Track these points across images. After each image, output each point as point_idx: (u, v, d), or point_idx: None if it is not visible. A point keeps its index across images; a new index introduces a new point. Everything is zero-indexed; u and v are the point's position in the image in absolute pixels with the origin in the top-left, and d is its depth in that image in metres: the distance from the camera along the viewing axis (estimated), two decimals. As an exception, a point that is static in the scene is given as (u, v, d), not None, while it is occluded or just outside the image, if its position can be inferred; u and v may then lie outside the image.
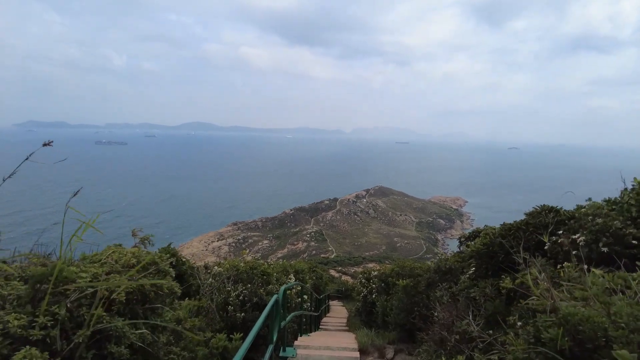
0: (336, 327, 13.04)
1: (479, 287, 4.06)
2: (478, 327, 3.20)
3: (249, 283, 6.49)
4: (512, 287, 3.31)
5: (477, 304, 3.86)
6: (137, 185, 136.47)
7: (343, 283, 33.03)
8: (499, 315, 3.30)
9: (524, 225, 4.31)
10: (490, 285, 4.02)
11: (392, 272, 8.31)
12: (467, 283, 4.19)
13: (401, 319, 5.45)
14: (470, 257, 5.65)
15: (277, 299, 4.28)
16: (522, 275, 3.37)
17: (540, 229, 4.17)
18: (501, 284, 3.50)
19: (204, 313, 5.76)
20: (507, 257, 4.25)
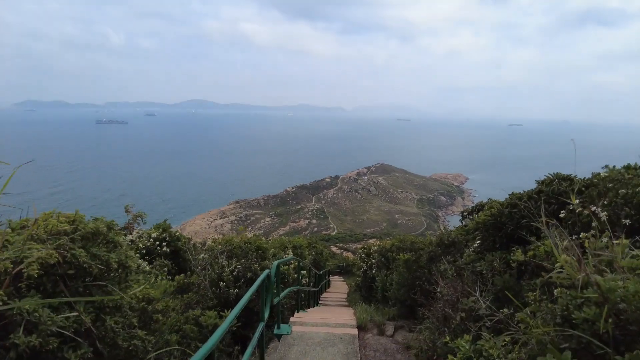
0: (336, 302, 12.97)
1: (485, 261, 3.75)
2: (486, 303, 2.89)
3: (243, 258, 6.24)
4: (524, 260, 3.00)
5: (484, 279, 3.56)
6: (140, 165, 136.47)
7: (344, 259, 33.16)
8: (510, 291, 3.00)
9: (536, 193, 3.96)
10: (498, 259, 3.71)
11: (393, 246, 8.04)
12: (472, 257, 3.88)
13: (401, 294, 5.20)
14: (475, 229, 5.33)
15: (268, 274, 3.99)
16: (535, 246, 3.04)
17: (554, 198, 3.82)
18: (511, 257, 3.19)
19: (194, 289, 5.53)
20: (516, 228, 3.93)
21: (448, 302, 3.24)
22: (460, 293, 3.21)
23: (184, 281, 5.49)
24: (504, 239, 4.04)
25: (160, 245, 10.28)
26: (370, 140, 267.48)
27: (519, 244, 4.01)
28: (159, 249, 10.08)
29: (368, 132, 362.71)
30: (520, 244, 4.01)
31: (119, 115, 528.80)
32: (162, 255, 9.70)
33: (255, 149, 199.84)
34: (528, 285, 2.93)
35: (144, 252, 9.72)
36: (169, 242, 10.36)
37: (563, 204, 3.74)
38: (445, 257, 4.58)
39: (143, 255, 9.86)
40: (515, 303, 2.94)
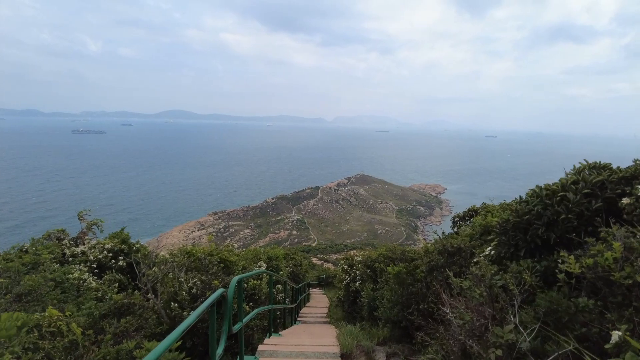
0: (316, 318, 11.89)
1: (509, 272, 2.85)
2: (531, 336, 1.97)
3: (205, 272, 5.17)
4: (580, 272, 2.10)
5: (510, 296, 2.64)
6: (117, 175, 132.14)
7: (325, 270, 32.07)
8: (560, 316, 2.09)
9: (573, 183, 3.10)
10: (528, 269, 2.81)
11: (380, 256, 7.09)
12: (490, 268, 2.96)
13: (395, 314, 4.26)
14: (483, 232, 4.45)
15: (223, 294, 2.97)
16: (595, 252, 2.15)
17: (595, 191, 2.98)
18: (559, 266, 2.29)
19: (138, 312, 4.41)
20: (549, 229, 3.05)
21: (470, 332, 2.31)
22: (490, 318, 2.28)
23: (123, 302, 4.36)
24: (530, 244, 3.16)
25: (115, 257, 9.03)
26: (350, 151, 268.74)
27: (550, 249, 3.15)
28: (113, 262, 8.84)
29: (348, 143, 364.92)
30: (551, 249, 3.15)
31: (95, 125, 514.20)
32: (116, 269, 8.46)
33: (235, 159, 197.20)
34: (587, 307, 2.04)
35: (94, 266, 8.47)
36: (127, 254, 9.10)
37: (609, 199, 2.91)
38: (450, 268, 3.67)
39: (93, 269, 8.60)
40: (574, 333, 2.04)
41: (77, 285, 6.27)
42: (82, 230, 10.34)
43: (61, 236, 10.15)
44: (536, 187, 3.63)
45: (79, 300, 5.79)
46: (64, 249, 9.00)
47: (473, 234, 4.55)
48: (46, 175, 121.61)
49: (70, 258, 8.59)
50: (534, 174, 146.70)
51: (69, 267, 7.05)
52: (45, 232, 10.18)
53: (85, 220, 10.39)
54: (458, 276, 3.78)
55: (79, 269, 7.40)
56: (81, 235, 10.20)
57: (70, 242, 9.59)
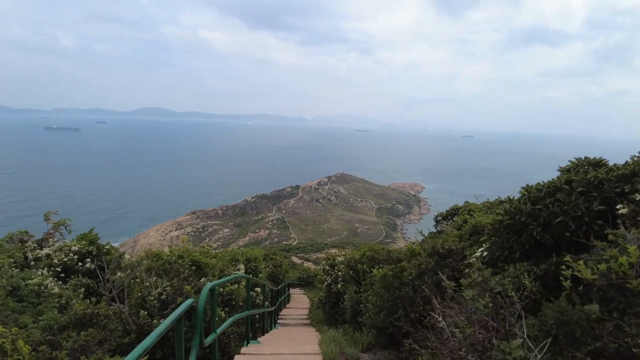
0: (297, 320, 11.59)
1: (505, 277, 2.65)
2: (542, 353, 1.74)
3: (175, 277, 4.79)
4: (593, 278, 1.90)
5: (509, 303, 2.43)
6: (94, 175, 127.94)
7: (305, 270, 31.79)
8: (572, 327, 1.88)
9: (566, 183, 2.93)
10: (526, 273, 2.61)
11: (364, 257, 6.84)
12: (484, 271, 2.74)
13: (381, 320, 4.02)
14: (473, 232, 4.26)
15: (192, 305, 2.64)
16: (609, 256, 1.95)
17: (592, 190, 2.81)
18: (564, 272, 2.09)
19: (103, 322, 3.99)
20: (545, 230, 2.87)
21: (471, 346, 2.07)
22: (494, 332, 2.04)
23: (85, 312, 3.95)
24: (524, 246, 2.97)
25: (83, 260, 8.46)
26: (330, 150, 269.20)
27: (546, 251, 2.96)
28: (80, 266, 8.27)
29: (328, 142, 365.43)
30: (546, 251, 2.96)
31: (69, 122, 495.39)
32: (83, 272, 7.92)
33: (214, 158, 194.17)
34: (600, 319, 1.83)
35: (58, 269, 7.90)
36: (95, 257, 8.54)
37: (608, 198, 2.73)
38: (441, 271, 3.45)
39: (58, 274, 8.01)
40: (588, 348, 1.83)
41: (37, 292, 5.77)
42: (47, 232, 9.67)
43: (24, 238, 9.47)
44: (526, 187, 3.46)
45: (38, 309, 5.31)
46: (26, 252, 8.39)
47: (462, 234, 4.36)
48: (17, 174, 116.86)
49: (32, 262, 8.00)
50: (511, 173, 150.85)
51: (29, 272, 6.51)
52: (7, 233, 9.51)
53: (51, 220, 9.72)
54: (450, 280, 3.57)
55: (41, 273, 6.86)
56: (46, 237, 9.53)
57: (34, 245, 8.96)
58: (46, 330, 3.69)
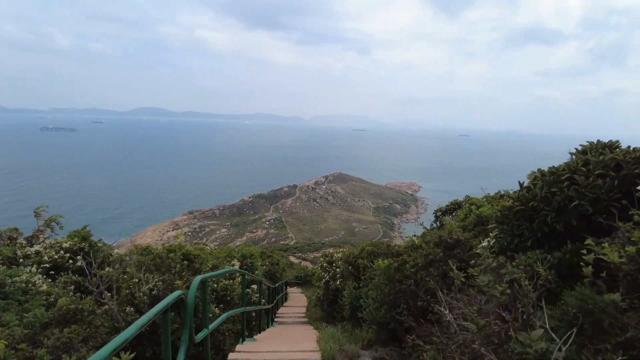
0: (294, 319, 11.39)
1: (519, 265, 2.46)
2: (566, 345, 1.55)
3: (167, 272, 4.58)
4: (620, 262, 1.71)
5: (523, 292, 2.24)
6: (92, 175, 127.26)
7: (303, 269, 31.60)
8: (598, 317, 1.69)
9: (583, 165, 2.74)
10: (539, 261, 2.42)
11: (363, 252, 6.64)
12: (492, 260, 2.55)
13: (382, 315, 3.82)
14: (478, 223, 4.08)
15: (180, 297, 2.43)
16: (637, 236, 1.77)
17: (610, 172, 2.62)
18: (585, 257, 1.90)
19: (88, 319, 3.78)
20: (559, 215, 2.68)
21: (486, 339, 1.88)
22: (511, 323, 1.85)
23: (69, 308, 3.73)
24: (536, 233, 2.78)
25: (73, 257, 8.21)
26: (328, 150, 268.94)
27: (559, 239, 2.77)
28: (71, 263, 8.03)
29: (326, 142, 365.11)
30: (560, 239, 2.77)
31: (65, 122, 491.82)
32: (74, 269, 7.67)
33: (211, 158, 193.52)
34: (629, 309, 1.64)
35: (47, 266, 7.65)
36: (87, 254, 8.30)
37: (626, 179, 2.55)
38: (447, 262, 3.26)
39: (48, 271, 7.77)
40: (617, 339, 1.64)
41: (23, 290, 5.54)
42: (38, 229, 9.42)
43: (14, 235, 9.21)
44: (538, 171, 3.27)
45: (24, 307, 5.09)
46: (15, 250, 8.14)
47: (465, 225, 4.18)
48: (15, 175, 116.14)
49: (21, 259, 7.76)
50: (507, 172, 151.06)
51: (16, 269, 6.27)
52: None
53: (42, 217, 9.46)
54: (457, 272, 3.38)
55: (30, 270, 6.62)
56: (37, 234, 9.28)
57: (24, 242, 8.71)
58: (28, 327, 3.48)
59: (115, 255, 4.82)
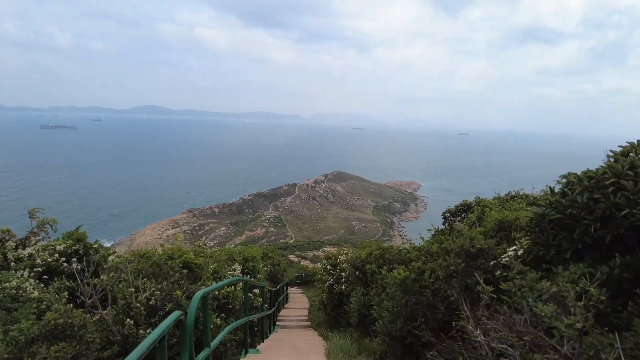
0: (296, 322, 11.12)
1: (559, 281, 2.17)
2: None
3: (165, 280, 4.28)
4: None
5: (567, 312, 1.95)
6: (92, 174, 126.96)
7: (303, 268, 31.35)
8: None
9: (630, 169, 2.45)
10: (584, 276, 2.13)
11: (371, 256, 6.33)
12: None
13: (398, 328, 3.54)
14: (500, 229, 3.79)
15: (179, 318, 2.14)
16: None
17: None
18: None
19: (79, 333, 3.46)
20: (604, 225, 2.40)
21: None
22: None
23: (57, 322, 3.42)
24: (577, 244, 2.50)
25: (68, 260, 7.91)
26: (327, 148, 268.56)
27: (603, 251, 2.49)
28: (65, 267, 7.74)
29: (325, 140, 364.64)
30: (604, 251, 2.49)
31: (65, 120, 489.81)
32: (68, 274, 7.37)
33: (210, 156, 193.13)
34: None
35: (40, 270, 7.35)
36: (82, 257, 7.99)
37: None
38: (472, 274, 2.97)
39: (41, 275, 7.48)
40: None
41: (13, 297, 5.24)
42: (31, 230, 9.09)
43: (5, 237, 8.89)
44: (571, 175, 2.98)
45: (14, 316, 4.79)
46: (6, 252, 7.82)
47: (485, 231, 3.89)
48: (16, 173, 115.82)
49: (13, 263, 7.45)
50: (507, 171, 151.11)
51: (6, 274, 5.97)
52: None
53: (36, 218, 9.13)
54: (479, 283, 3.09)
55: (21, 275, 6.32)
56: (30, 236, 8.95)
57: (15, 244, 8.39)
58: (12, 344, 3.19)
59: (110, 262, 4.51)
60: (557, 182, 3.17)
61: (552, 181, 5.96)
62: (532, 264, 2.73)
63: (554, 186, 3.05)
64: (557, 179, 3.10)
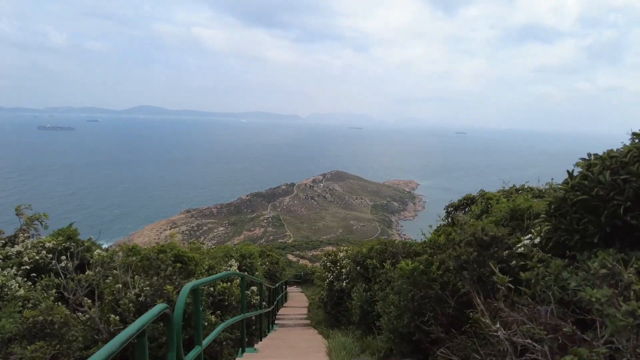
0: (295, 320, 10.89)
1: (587, 269, 1.94)
2: None
3: (155, 275, 4.03)
4: None
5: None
6: (91, 175, 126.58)
7: (302, 267, 31.12)
8: None
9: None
10: (618, 263, 1.91)
11: (373, 251, 6.08)
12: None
13: (405, 324, 3.30)
14: (512, 217, 3.55)
15: (163, 311, 1.89)
16: None
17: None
18: None
19: (61, 331, 3.22)
20: (636, 206, 2.18)
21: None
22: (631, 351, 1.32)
23: (36, 320, 3.17)
24: (604, 228, 2.27)
25: (58, 258, 7.66)
26: (325, 148, 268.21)
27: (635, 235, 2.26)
28: (54, 264, 7.48)
29: (323, 140, 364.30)
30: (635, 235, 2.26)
31: (61, 121, 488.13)
32: (56, 272, 7.11)
33: (208, 156, 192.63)
34: None
35: (28, 267, 7.10)
36: (73, 254, 7.74)
37: None
38: (485, 264, 2.74)
39: (29, 273, 7.23)
40: None
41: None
42: (20, 228, 8.82)
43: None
44: (592, 156, 2.75)
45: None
46: (-7, 250, 7.55)
47: (496, 220, 3.66)
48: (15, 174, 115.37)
49: (1, 261, 7.19)
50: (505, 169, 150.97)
51: (-9, 272, 5.72)
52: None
53: (24, 215, 8.84)
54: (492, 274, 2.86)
55: (7, 273, 6.06)
56: (18, 233, 8.67)
57: (4, 242, 8.12)
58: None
59: (96, 256, 4.25)
60: (575, 166, 2.95)
61: (548, 178, 5.77)
62: (552, 252, 2.50)
63: (572, 169, 2.82)
64: (554, 176, 2.90)
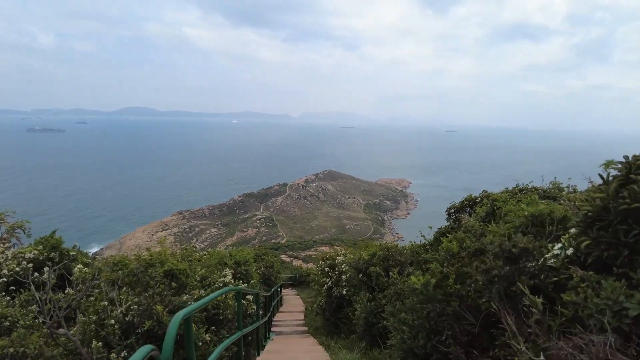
0: (292, 327, 10.55)
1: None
2: None
3: (145, 292, 3.65)
4: None
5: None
6: (82, 177, 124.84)
7: (296, 269, 30.77)
8: None
9: None
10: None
11: (375, 258, 5.75)
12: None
13: (421, 345, 2.99)
14: (533, 224, 3.25)
15: (148, 355, 1.55)
16: None
17: None
18: None
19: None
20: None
21: None
22: None
23: (6, 352, 2.80)
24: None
25: (39, 269, 7.20)
26: (317, 147, 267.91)
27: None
28: (36, 277, 7.03)
29: (315, 139, 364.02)
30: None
31: (50, 123, 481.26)
32: (37, 285, 6.68)
33: (199, 157, 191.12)
34: None
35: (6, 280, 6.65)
36: (57, 265, 7.29)
37: None
38: (519, 279, 2.44)
39: (8, 286, 6.78)
40: None
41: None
42: (1, 236, 8.33)
43: None
44: (632, 157, 2.46)
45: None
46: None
47: (513, 227, 3.37)
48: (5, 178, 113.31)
49: (-23, 273, 6.73)
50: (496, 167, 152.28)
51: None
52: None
53: (6, 222, 8.35)
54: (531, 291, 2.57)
55: (-18, 287, 5.63)
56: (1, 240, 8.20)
57: (-16, 252, 7.65)
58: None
59: (77, 272, 3.86)
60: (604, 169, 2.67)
61: (541, 176, 5.55)
62: (593, 268, 2.21)
63: (608, 172, 2.54)
64: (544, 173, 2.67)
